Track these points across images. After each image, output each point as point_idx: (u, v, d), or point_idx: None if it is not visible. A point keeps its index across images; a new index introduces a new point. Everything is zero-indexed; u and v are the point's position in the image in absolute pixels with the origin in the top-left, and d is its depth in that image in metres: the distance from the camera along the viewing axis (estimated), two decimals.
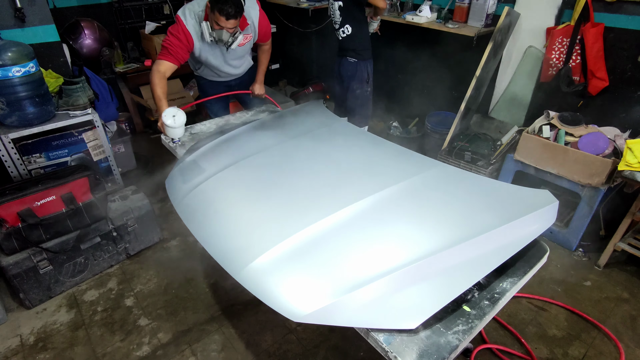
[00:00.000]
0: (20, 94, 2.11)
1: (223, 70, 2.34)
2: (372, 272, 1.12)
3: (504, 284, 1.20)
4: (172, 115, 1.90)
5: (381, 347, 1.02)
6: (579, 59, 2.47)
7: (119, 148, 3.18)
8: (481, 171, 2.63)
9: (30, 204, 1.96)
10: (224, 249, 1.29)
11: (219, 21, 1.95)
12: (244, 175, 1.64)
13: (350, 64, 2.77)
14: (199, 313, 2.09)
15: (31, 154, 2.47)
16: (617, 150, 2.20)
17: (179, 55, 2.06)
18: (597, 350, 1.87)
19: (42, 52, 2.57)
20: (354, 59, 2.74)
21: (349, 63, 2.77)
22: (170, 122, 1.89)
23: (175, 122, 1.90)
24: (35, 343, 1.94)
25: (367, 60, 2.77)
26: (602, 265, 2.33)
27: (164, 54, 2.05)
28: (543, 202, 1.37)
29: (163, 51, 2.06)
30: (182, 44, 2.05)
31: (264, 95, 2.56)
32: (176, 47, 2.03)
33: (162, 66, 2.04)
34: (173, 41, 2.03)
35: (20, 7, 2.39)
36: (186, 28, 2.03)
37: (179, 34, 2.03)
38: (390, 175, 1.56)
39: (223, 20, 1.94)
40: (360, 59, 2.74)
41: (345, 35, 2.67)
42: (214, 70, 2.37)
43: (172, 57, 2.05)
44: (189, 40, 2.06)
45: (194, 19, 2.04)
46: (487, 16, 2.77)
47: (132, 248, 2.43)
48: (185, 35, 2.04)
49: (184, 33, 2.03)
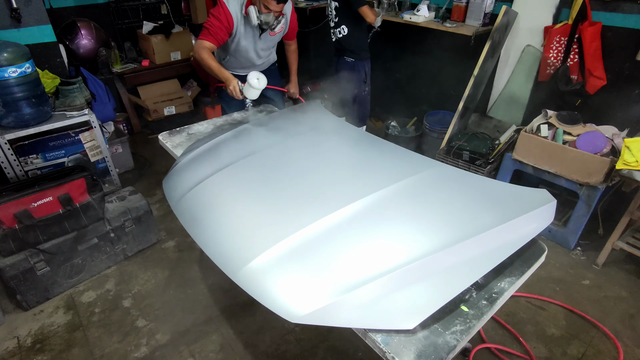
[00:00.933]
0: (16, 94, 2.10)
1: (249, 58, 2.38)
2: (370, 273, 1.12)
3: (502, 283, 1.19)
4: (257, 78, 2.00)
5: (379, 347, 1.01)
6: (576, 58, 2.47)
7: (117, 148, 3.17)
8: (479, 170, 2.63)
9: (27, 205, 1.95)
10: (221, 250, 1.29)
11: (269, 5, 2.05)
12: (242, 175, 1.63)
13: (347, 64, 2.77)
14: (197, 314, 2.08)
15: (28, 155, 2.46)
16: (615, 149, 2.20)
17: (219, 37, 2.12)
18: (596, 349, 1.87)
19: (38, 53, 2.56)
20: (351, 58, 2.74)
21: (347, 63, 2.77)
22: (255, 83, 2.00)
23: (260, 83, 2.01)
24: (32, 345, 1.93)
25: (365, 60, 2.77)
26: (600, 264, 2.33)
27: (204, 34, 2.11)
28: (541, 202, 1.37)
29: (204, 32, 2.12)
30: (223, 26, 2.10)
31: (297, 95, 2.60)
32: (217, 28, 2.09)
33: (205, 44, 2.11)
34: (214, 22, 2.09)
35: (16, 8, 2.39)
36: (228, 10, 2.09)
37: (220, 15, 2.08)
38: (388, 175, 1.55)
39: (273, 4, 2.05)
40: (358, 59, 2.74)
41: (342, 36, 2.67)
42: (240, 60, 2.40)
43: (213, 38, 2.10)
44: (230, 22, 2.12)
45: (237, 2, 2.12)
46: (484, 15, 2.77)
47: (130, 249, 2.42)
48: (226, 17, 2.09)
49: (226, 15, 2.09)
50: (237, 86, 2.05)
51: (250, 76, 2.01)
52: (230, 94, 2.09)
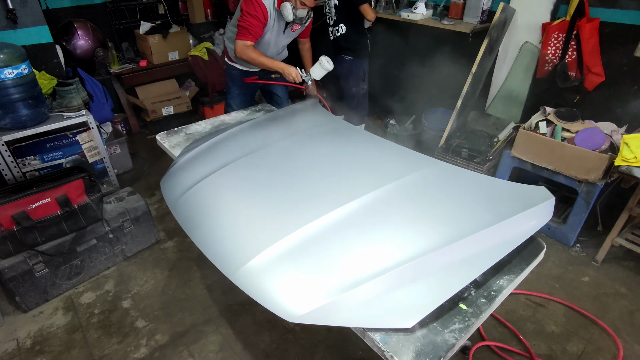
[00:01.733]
0: (13, 96, 2.09)
1: (269, 52, 2.39)
2: (368, 271, 1.12)
3: (500, 281, 1.19)
4: (327, 61, 2.13)
5: (377, 346, 1.01)
6: (575, 55, 2.46)
7: (115, 149, 3.16)
8: (478, 168, 2.63)
9: (25, 206, 1.95)
10: (219, 250, 1.28)
11: (306, 1, 2.12)
12: (239, 175, 1.63)
13: (346, 62, 2.77)
14: (196, 314, 2.08)
15: (25, 157, 2.45)
16: (613, 146, 2.19)
17: (257, 33, 2.16)
18: (596, 346, 1.87)
19: (35, 54, 2.55)
20: (349, 57, 2.74)
21: (345, 61, 2.77)
22: (327, 65, 2.14)
23: (330, 65, 2.14)
24: (32, 347, 1.92)
25: (363, 58, 2.77)
26: (599, 261, 2.33)
27: (244, 34, 2.13)
28: (540, 199, 1.36)
29: (242, 31, 2.13)
30: (260, 23, 2.13)
31: (315, 91, 2.60)
32: (255, 26, 2.12)
33: (248, 43, 2.15)
34: (252, 21, 2.11)
35: (12, 9, 2.38)
36: (264, 5, 2.10)
37: (257, 12, 2.09)
38: (386, 174, 1.55)
39: (310, 1, 2.12)
40: (356, 57, 2.73)
41: (340, 34, 2.67)
42: None
43: (252, 37, 2.14)
44: (266, 17, 2.14)
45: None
46: (482, 12, 2.76)
47: (129, 250, 2.42)
48: (262, 13, 2.11)
49: (262, 11, 2.10)
50: (298, 72, 2.14)
51: (323, 58, 2.14)
52: (291, 80, 2.17)
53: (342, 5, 2.58)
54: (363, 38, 2.70)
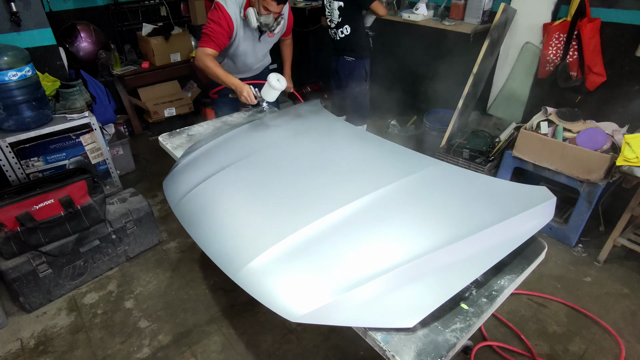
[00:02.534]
0: (16, 98, 2.11)
1: (247, 62, 2.34)
2: (370, 271, 1.12)
3: (502, 281, 1.19)
4: (277, 79, 1.98)
5: (379, 346, 1.02)
6: (576, 55, 2.46)
7: (118, 150, 3.18)
8: (479, 168, 2.63)
9: (29, 207, 1.96)
10: (221, 250, 1.29)
11: (269, 6, 1.99)
12: (241, 176, 1.63)
13: (348, 63, 2.77)
14: (198, 314, 2.09)
15: (29, 158, 2.47)
16: (615, 146, 2.19)
17: (220, 42, 2.07)
18: (598, 346, 1.87)
19: (38, 56, 2.57)
20: (351, 57, 2.74)
21: (347, 62, 2.77)
22: (276, 84, 1.97)
23: (281, 84, 1.98)
24: (35, 347, 1.94)
25: (365, 59, 2.77)
26: (601, 261, 2.33)
27: (205, 41, 2.05)
28: (541, 199, 1.37)
29: (205, 38, 2.05)
30: (224, 30, 2.05)
31: (291, 89, 2.55)
32: (218, 33, 2.03)
33: (207, 51, 2.05)
34: (215, 28, 2.03)
35: (15, 11, 2.40)
36: (228, 14, 2.03)
37: (220, 20, 2.02)
38: (387, 174, 1.55)
39: (274, 5, 1.99)
40: (358, 57, 2.74)
41: (344, 36, 2.67)
42: (237, 64, 2.36)
43: (214, 44, 2.05)
44: (230, 26, 2.06)
45: (235, 5, 2.06)
46: (483, 13, 2.77)
47: (132, 250, 2.43)
48: (226, 21, 2.04)
49: (226, 19, 2.03)
50: (250, 91, 2.00)
51: (271, 77, 1.99)
52: (244, 101, 2.04)
53: (348, 7, 2.58)
54: (365, 38, 2.71)
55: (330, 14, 2.67)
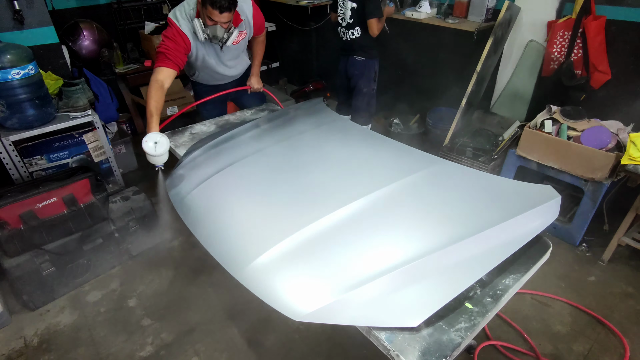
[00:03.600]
0: (20, 96, 2.11)
1: (218, 71, 2.25)
2: (374, 270, 1.12)
3: (506, 280, 1.19)
4: (154, 142, 1.67)
5: (383, 345, 1.01)
6: (580, 53, 2.44)
7: (120, 149, 3.18)
8: (483, 167, 2.62)
9: (32, 206, 1.96)
10: (224, 249, 1.29)
11: (212, 15, 1.84)
12: (244, 174, 1.63)
13: (358, 63, 2.77)
14: (201, 313, 2.09)
15: (32, 156, 2.47)
16: (620, 144, 2.18)
17: (178, 59, 1.96)
18: (602, 346, 1.86)
19: (41, 54, 2.57)
20: (362, 57, 2.74)
21: (357, 62, 2.77)
22: (150, 149, 1.67)
23: (156, 150, 1.67)
24: (39, 344, 1.94)
25: (375, 59, 2.77)
26: (606, 260, 2.31)
27: (161, 59, 1.93)
28: (545, 198, 1.36)
29: (160, 57, 1.94)
30: (179, 47, 1.95)
31: (262, 89, 2.46)
32: (173, 50, 1.93)
33: (160, 74, 1.91)
34: (169, 45, 1.93)
35: (18, 10, 2.39)
36: (180, 29, 1.94)
37: (174, 36, 1.94)
38: (391, 173, 1.55)
39: (216, 14, 1.83)
40: (368, 57, 2.74)
41: (355, 37, 2.66)
42: (209, 74, 2.29)
43: (171, 62, 1.94)
44: (186, 41, 1.97)
45: (186, 19, 1.96)
46: (487, 11, 2.75)
47: (135, 248, 2.43)
48: (181, 37, 1.95)
49: (180, 34, 1.95)
50: (145, 146, 1.70)
51: (146, 141, 1.65)
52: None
53: (361, 10, 2.56)
54: (375, 40, 2.70)
55: (343, 13, 2.66)
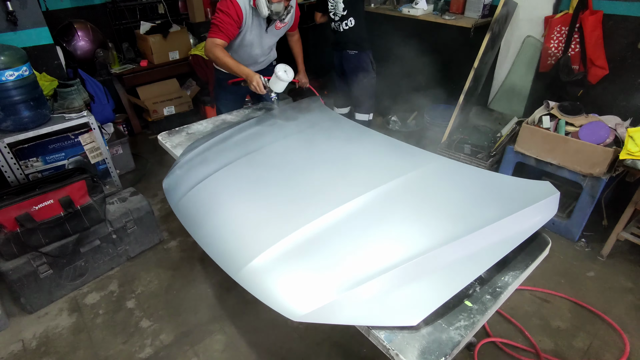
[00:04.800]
0: (14, 98, 2.09)
1: (254, 54, 2.31)
2: (372, 269, 1.11)
3: (505, 277, 1.18)
4: (284, 70, 1.93)
5: (382, 344, 1.01)
6: (578, 48, 2.44)
7: (117, 150, 3.17)
8: (481, 164, 2.61)
9: (28, 208, 1.95)
10: (222, 249, 1.28)
11: None
12: (241, 174, 1.62)
13: (352, 57, 2.77)
14: (200, 313, 2.08)
15: (28, 158, 2.46)
16: (618, 139, 2.17)
17: (230, 32, 2.04)
18: (602, 341, 1.86)
19: (35, 55, 2.55)
20: (354, 51, 2.74)
21: (351, 56, 2.77)
22: (283, 75, 1.92)
23: (288, 75, 1.94)
24: (37, 348, 1.93)
25: (368, 50, 2.77)
26: (605, 256, 2.31)
27: (214, 31, 2.02)
28: (544, 194, 1.35)
29: (214, 29, 2.03)
30: (233, 20, 2.02)
31: (307, 84, 2.53)
32: (227, 24, 2.01)
33: (217, 41, 2.02)
34: (224, 18, 2.00)
35: (12, 11, 2.38)
36: (237, 3, 2.00)
37: (229, 9, 2.00)
38: (389, 171, 1.54)
39: None
40: (361, 50, 2.74)
41: (348, 28, 2.67)
42: (243, 57, 2.31)
43: (224, 35, 2.02)
44: (239, 15, 2.03)
45: None
46: (484, 7, 2.74)
47: (133, 250, 2.42)
48: (235, 11, 2.01)
49: (235, 8, 2.00)
50: (260, 81, 1.97)
51: (278, 68, 1.95)
52: (254, 90, 2.00)
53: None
54: (365, 30, 2.71)
55: (334, 7, 2.66)
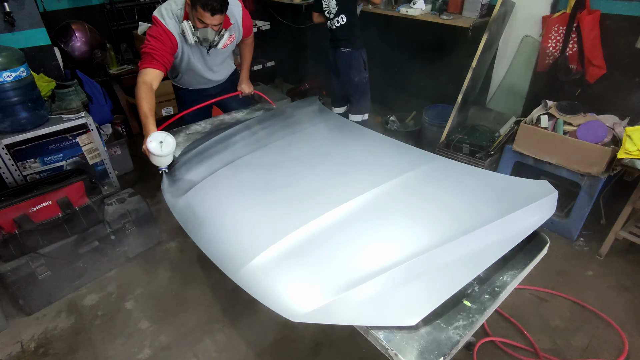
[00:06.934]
0: (11, 99, 2.09)
1: (204, 76, 2.17)
2: (371, 269, 1.11)
3: (504, 277, 1.18)
4: (160, 141, 1.57)
5: (381, 344, 1.01)
6: (575, 47, 2.44)
7: (115, 151, 3.16)
8: (479, 163, 2.61)
9: (26, 210, 1.94)
10: (220, 250, 1.28)
11: (204, 18, 1.77)
12: (240, 174, 1.62)
13: (345, 55, 2.78)
14: (199, 314, 2.08)
15: (26, 160, 2.45)
16: (616, 138, 2.18)
17: (165, 60, 1.85)
18: (601, 340, 1.87)
19: (33, 56, 2.54)
20: (347, 48, 2.76)
21: (344, 54, 2.78)
22: (156, 149, 1.56)
23: (163, 149, 1.56)
24: (36, 349, 1.93)
25: (361, 48, 2.79)
26: (603, 255, 2.32)
27: (147, 60, 1.83)
28: (542, 193, 1.35)
29: (146, 58, 1.84)
30: (166, 47, 1.85)
31: (252, 92, 2.40)
32: (160, 50, 1.83)
33: (147, 76, 1.81)
34: (155, 45, 1.82)
35: (9, 12, 2.37)
36: (167, 28, 1.84)
37: (160, 36, 1.83)
38: (387, 171, 1.54)
39: (208, 17, 1.76)
40: (354, 47, 2.75)
41: (340, 25, 2.69)
42: (194, 78, 2.21)
43: (158, 63, 1.83)
44: (172, 41, 1.87)
45: (173, 19, 1.86)
46: (481, 6, 2.74)
47: (131, 251, 2.41)
48: (167, 36, 1.85)
49: (166, 34, 1.84)
50: (147, 147, 1.60)
51: (150, 141, 1.54)
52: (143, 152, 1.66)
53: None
54: (358, 28, 2.73)
55: (327, 4, 2.68)
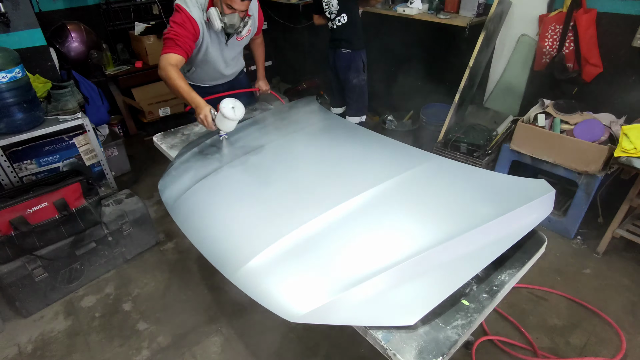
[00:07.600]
0: (7, 100, 2.07)
1: (218, 69, 2.18)
2: (369, 269, 1.11)
3: (502, 275, 1.18)
4: (232, 107, 1.65)
5: (380, 344, 1.00)
6: (572, 46, 2.45)
7: (112, 151, 3.15)
8: (477, 162, 2.62)
9: (22, 211, 1.93)
10: (218, 251, 1.27)
11: (233, 3, 1.81)
12: (237, 175, 1.62)
13: (344, 56, 2.77)
14: (198, 315, 2.07)
15: (22, 161, 2.44)
16: (613, 137, 2.18)
17: (187, 46, 1.86)
18: (599, 338, 1.87)
19: (28, 57, 2.53)
20: (347, 49, 2.74)
21: (343, 55, 2.77)
22: (230, 114, 1.64)
23: (236, 113, 1.66)
24: (33, 352, 1.92)
25: (361, 50, 2.77)
26: (601, 253, 2.32)
27: (170, 46, 1.83)
28: (540, 192, 1.35)
29: (168, 43, 1.84)
30: (189, 33, 1.85)
31: (269, 90, 2.41)
32: (183, 37, 1.83)
33: (172, 59, 1.82)
34: (179, 31, 1.83)
35: (4, 12, 2.35)
36: (191, 15, 1.84)
37: (184, 22, 1.83)
38: (385, 170, 1.54)
39: (238, 3, 1.81)
40: (354, 49, 2.73)
41: (341, 24, 2.67)
42: (207, 71, 2.21)
43: (180, 49, 1.83)
44: (196, 28, 1.87)
45: (196, 6, 1.87)
46: (478, 5, 2.75)
47: (129, 252, 2.41)
48: (190, 22, 1.85)
49: (189, 20, 1.84)
50: (209, 115, 1.68)
51: (224, 105, 1.64)
52: (201, 123, 1.72)
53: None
54: (360, 29, 2.72)
55: (329, 5, 2.67)
